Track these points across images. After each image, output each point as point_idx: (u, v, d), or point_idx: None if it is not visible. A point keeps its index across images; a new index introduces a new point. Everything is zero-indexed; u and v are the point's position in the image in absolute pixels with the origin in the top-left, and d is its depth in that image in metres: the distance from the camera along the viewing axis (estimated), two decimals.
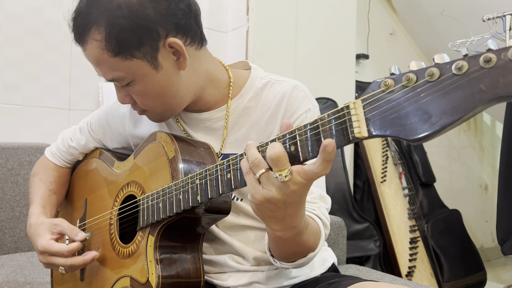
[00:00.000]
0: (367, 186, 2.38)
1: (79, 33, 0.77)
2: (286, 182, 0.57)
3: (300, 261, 0.75)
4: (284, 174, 0.57)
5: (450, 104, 0.43)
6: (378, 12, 2.91)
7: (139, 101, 0.82)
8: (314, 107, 0.87)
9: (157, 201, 0.79)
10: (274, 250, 0.76)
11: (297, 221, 0.64)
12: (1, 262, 1.37)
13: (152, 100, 0.81)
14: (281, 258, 0.76)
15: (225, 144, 0.87)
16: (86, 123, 1.05)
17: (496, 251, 3.25)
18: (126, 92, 0.82)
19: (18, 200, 1.53)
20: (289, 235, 0.66)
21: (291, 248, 0.72)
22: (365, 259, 2.20)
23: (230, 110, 0.87)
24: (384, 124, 0.48)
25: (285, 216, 0.62)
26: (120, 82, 0.79)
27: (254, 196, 0.60)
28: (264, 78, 0.89)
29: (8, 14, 1.69)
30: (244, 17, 2.03)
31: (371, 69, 2.83)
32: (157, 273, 0.76)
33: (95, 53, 0.77)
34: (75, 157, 1.07)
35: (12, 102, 1.71)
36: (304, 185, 0.58)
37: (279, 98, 0.86)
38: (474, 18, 2.13)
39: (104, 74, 0.80)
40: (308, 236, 0.71)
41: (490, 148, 3.45)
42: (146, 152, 0.87)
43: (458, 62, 0.42)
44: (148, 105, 0.82)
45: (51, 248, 0.86)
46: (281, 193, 0.58)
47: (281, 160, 0.56)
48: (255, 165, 0.59)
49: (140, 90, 0.79)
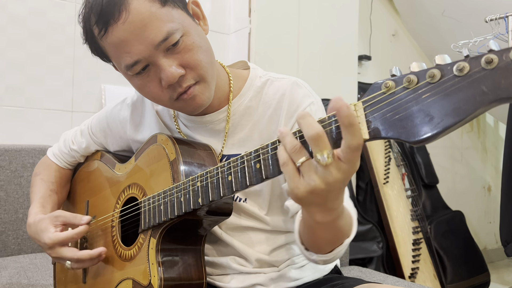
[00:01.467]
0: (369, 188, 2.38)
1: (119, 5, 0.71)
2: (329, 169, 0.52)
3: (337, 249, 0.69)
4: (325, 155, 0.51)
5: (451, 106, 0.42)
6: (380, 13, 2.90)
7: (193, 58, 0.75)
8: (317, 101, 0.86)
9: (158, 203, 0.78)
10: (310, 240, 0.70)
11: (337, 203, 0.59)
12: (4, 264, 1.37)
13: (204, 55, 0.77)
14: (317, 249, 0.70)
15: (229, 145, 0.87)
16: (87, 126, 1.05)
17: (500, 252, 3.24)
18: (175, 58, 0.75)
19: (21, 202, 1.54)
20: (328, 218, 0.60)
21: (328, 235, 0.67)
22: (368, 260, 2.19)
23: (231, 111, 0.87)
24: (385, 126, 0.47)
25: (327, 201, 0.57)
26: (173, 36, 0.73)
27: (295, 191, 0.55)
28: (263, 77, 0.89)
29: (11, 17, 1.70)
30: (246, 19, 2.03)
31: (373, 70, 2.83)
32: (159, 276, 0.76)
33: (144, 9, 0.71)
34: (76, 159, 1.07)
35: (15, 104, 1.72)
36: (346, 170, 0.53)
37: (279, 95, 0.85)
38: (477, 19, 2.12)
39: (157, 32, 0.72)
40: (345, 220, 0.66)
41: (493, 149, 3.43)
42: (147, 154, 0.87)
43: (460, 64, 0.42)
44: (203, 62, 0.77)
45: (59, 238, 0.85)
46: (325, 182, 0.53)
47: (322, 137, 0.51)
48: (295, 151, 0.54)
49: (193, 42, 0.75)
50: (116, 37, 0.72)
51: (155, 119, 0.94)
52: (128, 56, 0.73)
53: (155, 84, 0.77)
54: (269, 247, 0.87)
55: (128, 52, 0.73)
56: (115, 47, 0.74)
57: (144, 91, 0.80)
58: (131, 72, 0.76)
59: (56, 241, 0.85)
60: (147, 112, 0.96)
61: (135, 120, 0.96)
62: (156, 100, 0.81)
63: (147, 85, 0.77)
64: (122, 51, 0.73)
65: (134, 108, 0.97)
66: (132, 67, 0.75)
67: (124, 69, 0.76)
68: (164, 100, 0.79)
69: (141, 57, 0.73)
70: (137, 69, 0.75)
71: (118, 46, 0.73)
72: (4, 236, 1.50)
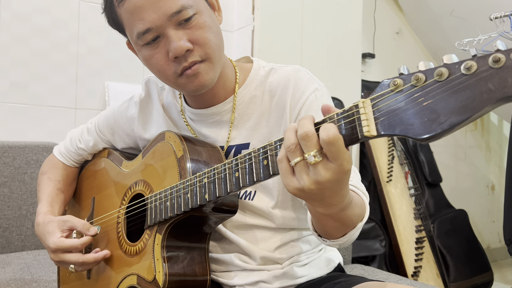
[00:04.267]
0: (373, 186, 2.38)
1: None
2: (317, 168, 0.53)
3: (350, 233, 0.68)
4: (312, 154, 0.53)
5: (458, 104, 0.43)
6: (384, 11, 2.90)
7: (203, 36, 0.78)
8: (321, 86, 0.86)
9: (165, 199, 0.79)
10: (319, 227, 0.71)
11: (337, 199, 0.59)
12: (8, 260, 1.38)
13: (214, 36, 0.79)
14: (328, 235, 0.70)
15: (236, 136, 0.88)
16: (94, 124, 1.05)
17: (503, 251, 3.23)
18: (185, 33, 0.77)
19: (25, 199, 1.54)
20: (330, 211, 0.61)
21: (336, 224, 0.66)
22: (370, 259, 2.19)
23: (237, 100, 0.87)
24: (393, 123, 0.48)
25: (323, 198, 0.57)
26: (187, 11, 0.76)
27: (287, 188, 0.57)
28: (267, 66, 0.90)
29: (16, 14, 1.70)
30: (250, 16, 2.03)
31: (377, 68, 2.83)
32: (164, 271, 0.77)
33: None
34: (83, 157, 1.08)
35: (19, 101, 1.72)
36: (334, 170, 0.53)
37: (284, 82, 0.86)
38: (481, 17, 2.11)
39: (172, 3, 0.75)
40: (354, 210, 0.65)
41: (497, 148, 3.42)
42: (155, 151, 0.88)
43: (467, 62, 0.42)
44: (212, 42, 0.79)
45: (64, 245, 0.87)
46: (315, 183, 0.54)
47: (309, 137, 0.53)
48: (290, 150, 0.55)
49: (205, 21, 0.78)
50: (132, 3, 0.75)
51: (162, 117, 0.95)
52: (141, 23, 0.76)
53: (162, 56, 0.79)
54: (274, 244, 0.88)
55: (142, 19, 0.76)
56: (131, 14, 0.77)
57: (150, 63, 0.81)
58: (142, 41, 0.78)
59: (60, 247, 0.87)
60: (155, 110, 0.97)
61: (142, 117, 0.97)
62: (160, 73, 0.82)
63: (155, 56, 0.79)
64: (136, 18, 0.76)
65: (142, 106, 0.98)
66: (143, 35, 0.77)
67: (136, 37, 0.78)
68: (169, 73, 0.80)
69: (153, 25, 0.75)
70: (147, 38, 0.77)
71: (133, 13, 0.76)
72: (8, 233, 1.50)
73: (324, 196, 0.57)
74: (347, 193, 0.60)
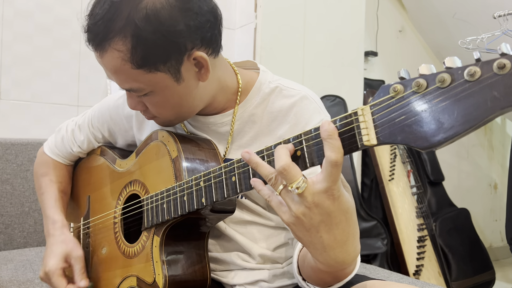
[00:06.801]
0: (375, 184, 2.37)
1: (99, 40, 0.72)
2: (304, 195, 0.52)
3: (337, 285, 0.68)
4: (295, 185, 0.52)
5: (462, 112, 0.41)
6: (387, 9, 2.88)
7: (154, 111, 0.80)
8: (327, 118, 0.83)
9: (161, 202, 0.78)
10: (309, 276, 0.70)
11: (342, 256, 0.57)
12: (10, 257, 1.38)
13: (168, 110, 0.79)
14: (314, 283, 0.70)
15: (230, 150, 0.86)
16: (87, 120, 1.03)
17: (505, 250, 3.23)
18: (140, 99, 0.79)
19: (27, 196, 1.54)
20: (331, 269, 0.60)
21: (329, 279, 0.66)
22: (372, 257, 2.19)
23: (236, 116, 0.85)
24: (394, 131, 0.46)
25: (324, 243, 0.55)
26: (137, 92, 0.76)
27: (284, 222, 0.57)
28: (273, 83, 0.86)
29: (18, 11, 1.70)
30: (252, 14, 2.02)
31: (379, 66, 2.81)
32: (164, 274, 0.76)
33: (115, 63, 0.72)
34: (79, 156, 1.08)
35: (22, 99, 1.72)
36: (324, 197, 0.52)
37: (286, 107, 0.82)
38: (484, 15, 2.10)
39: (120, 83, 0.76)
40: (350, 268, 0.65)
41: (500, 147, 3.41)
42: (148, 151, 0.86)
43: (471, 68, 0.41)
44: (162, 114, 0.81)
45: (52, 279, 0.90)
46: (301, 210, 0.53)
47: (287, 170, 0.52)
48: (270, 180, 0.55)
49: (158, 101, 0.77)
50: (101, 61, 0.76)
51: None
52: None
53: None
54: (273, 243, 0.87)
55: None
56: None
57: None
58: None
59: (50, 278, 0.91)
60: None
61: (139, 118, 0.95)
62: None
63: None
64: None
65: None
66: None
67: None
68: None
69: None
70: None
71: None
72: (10, 229, 1.51)
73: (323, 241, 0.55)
74: (355, 248, 0.59)
